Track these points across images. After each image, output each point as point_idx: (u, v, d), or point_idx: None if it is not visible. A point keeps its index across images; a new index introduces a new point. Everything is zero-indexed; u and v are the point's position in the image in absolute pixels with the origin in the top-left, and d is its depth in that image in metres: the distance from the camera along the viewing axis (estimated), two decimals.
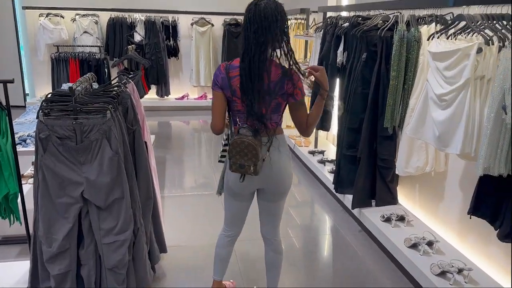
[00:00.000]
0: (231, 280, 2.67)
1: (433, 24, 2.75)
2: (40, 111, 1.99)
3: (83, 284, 2.23)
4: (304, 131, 2.06)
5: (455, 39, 2.34)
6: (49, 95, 2.12)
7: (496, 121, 1.94)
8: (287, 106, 2.03)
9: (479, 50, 2.11)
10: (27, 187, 3.17)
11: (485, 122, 2.03)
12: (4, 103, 2.23)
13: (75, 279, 2.21)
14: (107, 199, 2.13)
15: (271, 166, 2.03)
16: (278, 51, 1.95)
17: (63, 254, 2.12)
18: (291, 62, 1.94)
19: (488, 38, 2.13)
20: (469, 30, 2.29)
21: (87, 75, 2.36)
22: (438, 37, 2.42)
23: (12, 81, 2.19)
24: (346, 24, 3.68)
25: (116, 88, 2.40)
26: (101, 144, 2.07)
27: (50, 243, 2.11)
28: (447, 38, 2.37)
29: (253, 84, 1.90)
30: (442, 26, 2.63)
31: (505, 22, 2.19)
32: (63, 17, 7.19)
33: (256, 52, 1.88)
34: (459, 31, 2.35)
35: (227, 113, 2.08)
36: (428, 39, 2.60)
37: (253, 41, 1.87)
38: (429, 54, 2.37)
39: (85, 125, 2.03)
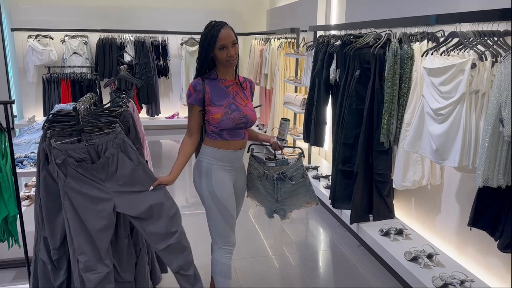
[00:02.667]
0: None
1: (425, 41, 2.84)
2: (49, 135, 1.95)
3: None
4: None
5: (448, 55, 2.41)
6: (51, 116, 2.11)
7: (493, 133, 2.00)
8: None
9: (473, 66, 2.18)
10: (23, 209, 3.11)
11: (483, 134, 2.08)
12: (4, 124, 2.22)
13: None
14: (142, 207, 2.09)
15: None
16: None
17: (108, 276, 2.08)
18: None
19: (481, 53, 2.21)
20: (461, 46, 2.37)
21: (88, 94, 2.35)
22: (432, 54, 2.49)
23: (13, 102, 2.19)
24: (338, 42, 3.76)
25: (117, 107, 2.39)
26: (118, 157, 2.04)
27: (95, 268, 2.05)
28: (440, 55, 2.45)
29: None
30: (434, 44, 2.72)
31: (495, 38, 2.28)
32: (52, 39, 7.17)
33: None
34: (451, 48, 2.43)
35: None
36: (422, 56, 2.67)
37: None
38: (424, 70, 2.44)
39: (98, 144, 2.01)
